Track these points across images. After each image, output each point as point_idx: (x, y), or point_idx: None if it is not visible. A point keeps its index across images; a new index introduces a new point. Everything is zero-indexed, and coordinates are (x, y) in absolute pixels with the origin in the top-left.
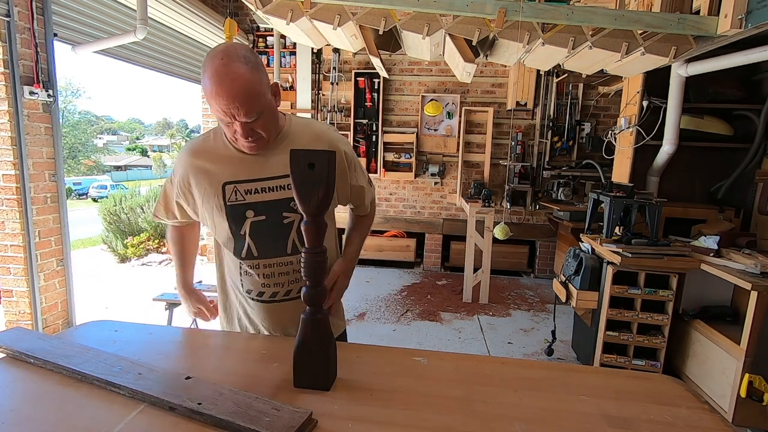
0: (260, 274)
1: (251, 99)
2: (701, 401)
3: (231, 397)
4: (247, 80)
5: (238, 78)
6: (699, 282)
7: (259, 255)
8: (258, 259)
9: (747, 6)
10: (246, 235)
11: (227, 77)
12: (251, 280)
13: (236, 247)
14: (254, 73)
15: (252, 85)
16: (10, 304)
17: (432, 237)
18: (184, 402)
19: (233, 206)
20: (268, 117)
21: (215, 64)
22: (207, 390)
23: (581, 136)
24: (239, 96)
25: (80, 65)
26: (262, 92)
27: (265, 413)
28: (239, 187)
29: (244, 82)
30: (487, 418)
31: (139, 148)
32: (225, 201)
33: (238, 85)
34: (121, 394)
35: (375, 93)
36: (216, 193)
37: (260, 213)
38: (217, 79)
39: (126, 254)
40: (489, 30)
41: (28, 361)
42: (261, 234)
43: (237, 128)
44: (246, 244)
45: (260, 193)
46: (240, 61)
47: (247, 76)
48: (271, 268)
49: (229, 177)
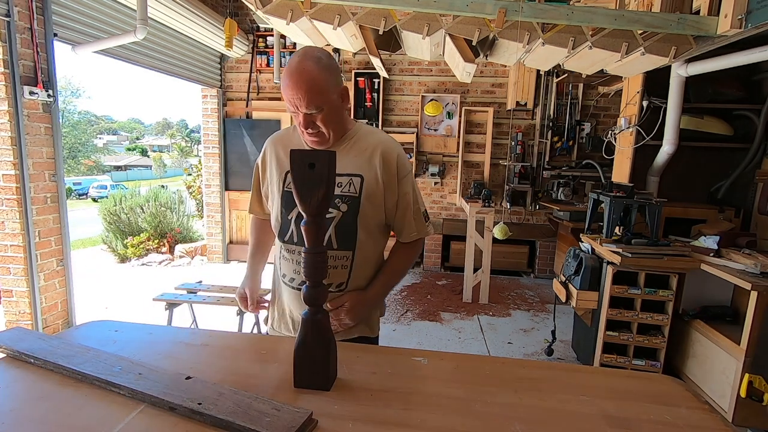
0: (296, 260)
1: (313, 92)
2: (701, 401)
3: (231, 397)
4: (313, 76)
5: (306, 72)
6: (699, 282)
7: (299, 242)
8: (297, 245)
9: (747, 6)
10: (292, 221)
11: (296, 70)
12: (287, 265)
13: (281, 230)
14: (322, 72)
15: (316, 81)
16: (10, 304)
17: (432, 237)
18: (184, 402)
19: (288, 193)
20: (330, 115)
21: (292, 60)
22: (207, 390)
23: (581, 136)
24: (302, 88)
25: (80, 65)
26: (326, 90)
27: (265, 413)
28: None
29: (310, 77)
30: (487, 418)
31: (139, 148)
32: (284, 186)
33: (303, 79)
34: (121, 394)
35: (375, 93)
36: (279, 178)
37: None
38: (289, 71)
39: (126, 254)
40: (489, 30)
41: (28, 361)
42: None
43: (300, 119)
44: (291, 230)
45: None
46: (312, 60)
47: (314, 73)
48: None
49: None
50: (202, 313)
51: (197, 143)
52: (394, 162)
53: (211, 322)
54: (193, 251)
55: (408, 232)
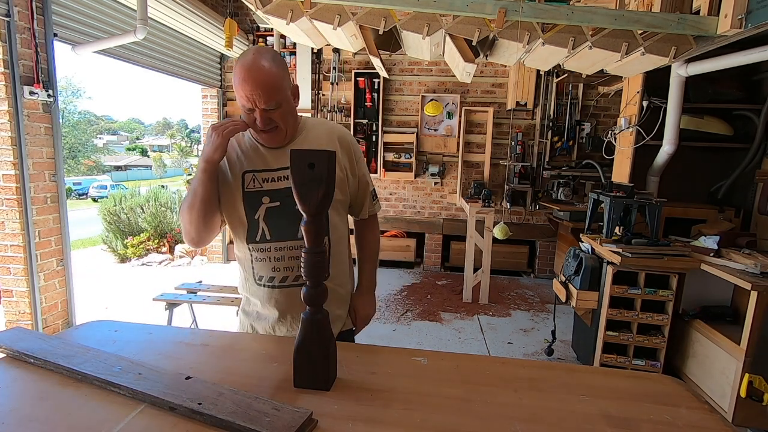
0: (271, 257)
1: (271, 89)
2: (701, 401)
3: (231, 397)
4: (271, 73)
5: (263, 69)
6: (699, 282)
7: (272, 238)
8: (270, 242)
9: (747, 6)
10: (260, 219)
11: (254, 67)
12: (262, 266)
13: (249, 232)
14: (278, 69)
15: (274, 78)
16: (10, 304)
17: (432, 237)
18: (184, 402)
19: (251, 193)
20: (286, 111)
21: (247, 57)
22: (207, 390)
23: (581, 136)
24: (261, 84)
25: (80, 65)
26: (283, 87)
27: (265, 413)
28: (257, 176)
29: (268, 74)
30: (487, 418)
31: (139, 148)
32: (244, 188)
33: (262, 75)
34: (121, 394)
35: (375, 93)
36: (237, 179)
37: (275, 200)
38: (246, 68)
39: (126, 254)
40: (489, 30)
41: (28, 361)
42: (274, 219)
43: (257, 116)
44: (260, 228)
45: (276, 181)
46: (267, 58)
47: (272, 70)
48: (281, 251)
49: (249, 166)
50: (202, 313)
51: (197, 143)
52: (350, 145)
53: (211, 322)
54: (193, 251)
55: (367, 210)
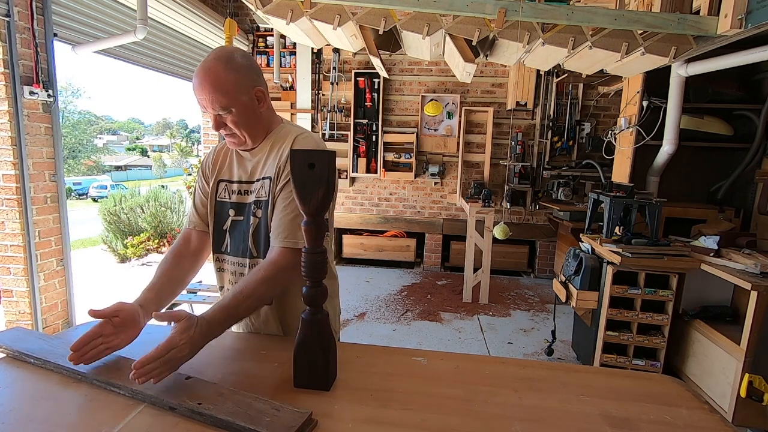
0: (229, 270)
1: (218, 93)
2: (701, 401)
3: (231, 397)
4: (218, 77)
5: (211, 73)
6: (699, 282)
7: (231, 252)
8: (229, 255)
9: (747, 6)
10: (227, 231)
11: (202, 70)
12: (221, 276)
13: (216, 241)
14: (230, 73)
15: (223, 82)
16: (10, 304)
17: (432, 237)
18: (184, 402)
19: (220, 202)
20: (241, 117)
21: (204, 61)
22: (207, 390)
23: (581, 136)
24: (209, 89)
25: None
26: (233, 91)
27: (265, 413)
28: (229, 186)
29: (216, 78)
30: (487, 418)
31: (139, 148)
32: (216, 196)
33: (209, 79)
34: (121, 394)
35: (375, 93)
36: (212, 187)
37: (239, 214)
38: (197, 71)
39: (126, 254)
40: (489, 30)
41: (28, 361)
42: (236, 233)
43: (211, 120)
44: (226, 239)
45: (243, 195)
46: (222, 61)
47: (220, 74)
48: (236, 266)
49: (223, 176)
50: None
51: (197, 143)
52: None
53: None
54: None
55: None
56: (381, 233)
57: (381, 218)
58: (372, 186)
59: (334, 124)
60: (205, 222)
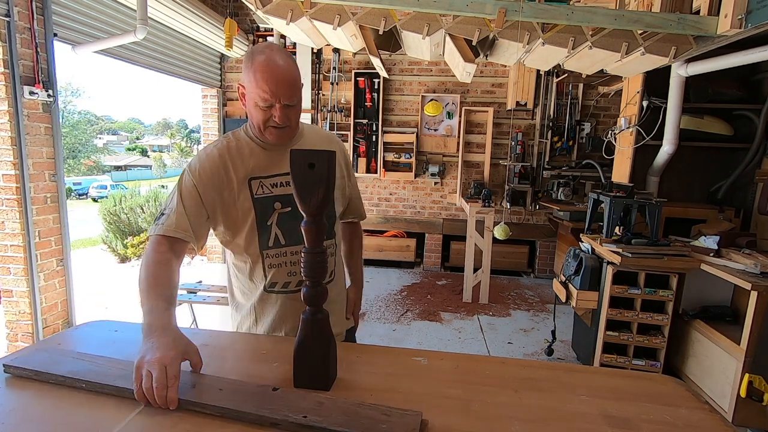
0: (287, 262)
1: (293, 85)
2: (701, 401)
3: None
4: (293, 69)
5: (286, 65)
6: (699, 282)
7: (287, 243)
8: (285, 247)
9: (747, 6)
10: (273, 225)
11: (277, 63)
12: (277, 272)
13: (261, 239)
14: (296, 67)
15: (296, 75)
16: (10, 304)
17: (432, 237)
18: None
19: (261, 199)
20: (299, 109)
21: (266, 54)
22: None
23: (581, 136)
24: (285, 80)
25: (80, 65)
26: (300, 85)
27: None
28: (264, 182)
29: (290, 70)
30: (487, 418)
31: (139, 148)
32: (253, 194)
33: (285, 71)
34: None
35: (375, 93)
36: (242, 187)
37: (286, 205)
38: (269, 65)
39: (126, 254)
40: (489, 30)
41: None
42: (287, 224)
43: (275, 112)
44: (273, 234)
45: (285, 186)
46: (289, 56)
47: (293, 67)
48: (296, 255)
49: (254, 173)
50: (202, 313)
51: (197, 143)
52: (345, 151)
53: (211, 322)
54: (193, 252)
55: (361, 213)
56: (381, 233)
57: (381, 218)
58: (372, 186)
59: (334, 124)
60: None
